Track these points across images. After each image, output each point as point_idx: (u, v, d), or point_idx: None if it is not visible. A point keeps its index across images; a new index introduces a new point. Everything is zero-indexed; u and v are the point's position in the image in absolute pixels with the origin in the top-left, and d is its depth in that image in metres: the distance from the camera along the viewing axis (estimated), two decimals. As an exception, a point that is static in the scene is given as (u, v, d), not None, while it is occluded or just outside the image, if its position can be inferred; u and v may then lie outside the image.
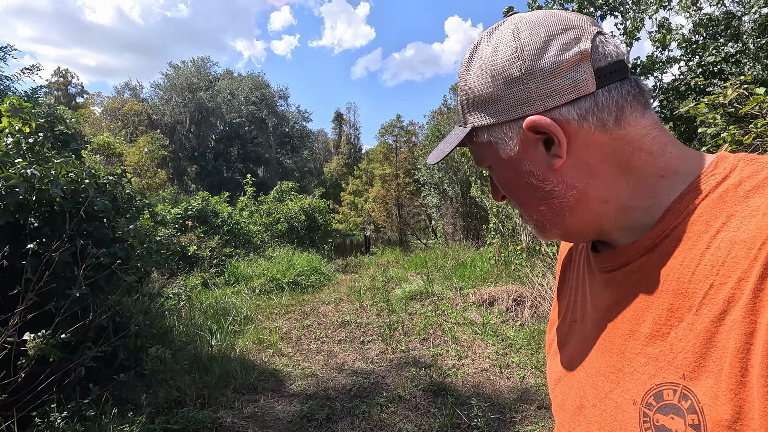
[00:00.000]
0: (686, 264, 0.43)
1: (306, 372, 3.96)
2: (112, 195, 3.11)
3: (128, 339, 3.23)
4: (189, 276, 6.70)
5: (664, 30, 6.31)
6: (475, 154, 0.56)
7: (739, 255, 0.39)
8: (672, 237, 0.45)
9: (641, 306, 0.47)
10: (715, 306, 0.39)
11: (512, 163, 0.52)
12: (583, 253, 0.64)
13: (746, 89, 3.26)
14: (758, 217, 0.39)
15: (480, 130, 0.53)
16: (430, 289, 6.94)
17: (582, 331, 0.57)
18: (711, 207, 0.43)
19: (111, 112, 30.76)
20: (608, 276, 0.53)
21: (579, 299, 0.61)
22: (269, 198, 12.48)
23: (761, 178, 0.42)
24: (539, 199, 0.52)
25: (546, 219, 0.54)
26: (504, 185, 0.56)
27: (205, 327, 4.70)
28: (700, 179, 0.46)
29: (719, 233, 0.41)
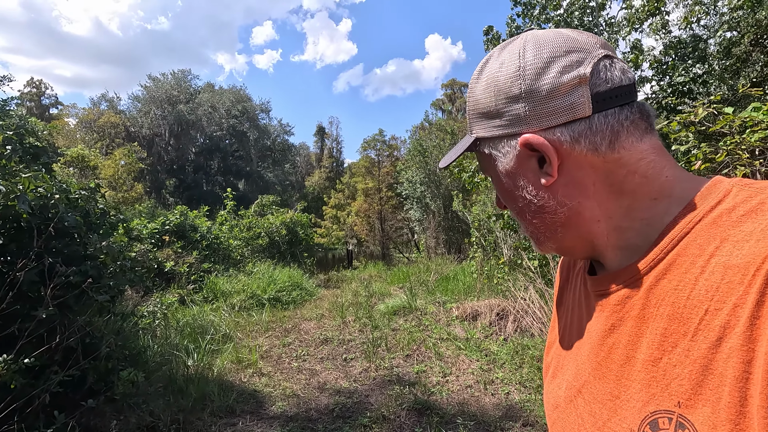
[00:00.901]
0: (681, 288, 0.42)
1: (287, 392, 3.84)
2: (85, 210, 2.98)
3: (98, 361, 3.07)
4: (165, 293, 6.48)
5: (637, 51, 6.57)
6: (480, 162, 0.59)
7: (733, 280, 0.38)
8: (666, 261, 0.45)
9: (636, 331, 0.46)
10: (711, 332, 0.39)
11: (509, 176, 0.54)
12: (580, 275, 0.63)
13: (715, 108, 3.39)
14: (752, 242, 0.39)
15: (482, 141, 0.55)
16: (413, 303, 6.89)
17: (579, 355, 0.56)
18: (705, 231, 0.43)
19: (86, 123, 29.97)
20: (603, 300, 0.52)
21: (576, 322, 0.60)
22: (250, 212, 12.28)
23: (755, 203, 0.41)
24: (533, 213, 0.53)
25: (540, 232, 0.55)
26: (502, 195, 0.57)
27: (182, 346, 4.53)
28: (694, 203, 0.46)
29: (713, 257, 0.41)
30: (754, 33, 7.00)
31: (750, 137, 3.05)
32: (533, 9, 7.25)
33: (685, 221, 0.45)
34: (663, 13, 6.26)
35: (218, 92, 38.40)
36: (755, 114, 3.11)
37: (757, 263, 0.37)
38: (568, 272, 0.68)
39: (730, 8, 6.69)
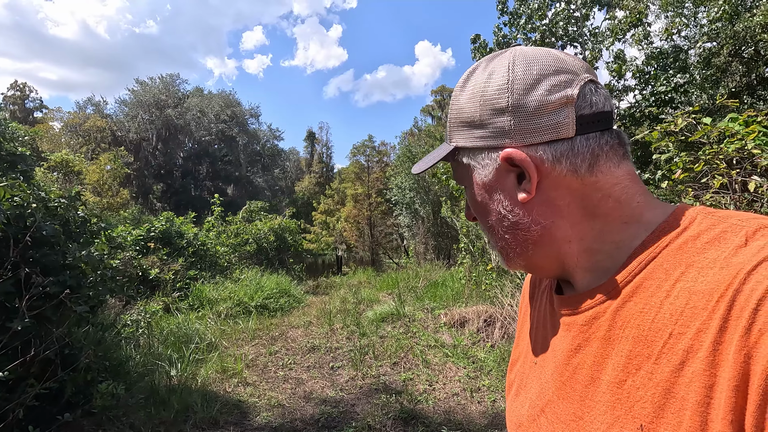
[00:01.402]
0: (646, 311, 0.43)
1: (272, 402, 3.79)
2: (64, 219, 2.93)
3: (77, 373, 3.00)
4: (150, 301, 6.37)
5: (620, 61, 6.71)
6: (455, 171, 0.58)
7: (697, 305, 0.39)
8: (633, 284, 0.46)
9: (602, 352, 0.46)
10: (675, 356, 0.39)
11: (485, 189, 0.53)
12: (545, 293, 0.63)
13: (694, 118, 3.47)
14: (715, 270, 0.40)
15: (462, 150, 0.54)
16: (401, 310, 6.88)
17: (542, 374, 0.56)
18: (671, 256, 0.44)
19: (71, 127, 29.50)
20: (570, 320, 0.52)
21: (540, 340, 0.60)
22: (237, 218, 12.17)
23: (718, 231, 0.43)
24: (505, 228, 0.53)
25: (510, 248, 0.54)
26: (475, 207, 0.56)
27: (165, 356, 4.45)
28: (662, 229, 0.47)
29: (678, 282, 0.42)
30: (733, 44, 7.20)
31: (727, 147, 3.12)
32: (519, 19, 7.36)
33: (653, 246, 0.46)
34: (645, 24, 6.41)
35: (207, 97, 38.16)
36: (732, 125, 3.19)
37: (720, 290, 0.38)
38: (534, 290, 0.69)
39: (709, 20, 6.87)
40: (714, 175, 3.17)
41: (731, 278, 0.38)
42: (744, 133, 3.05)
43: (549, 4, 7.20)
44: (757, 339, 0.34)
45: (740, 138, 3.08)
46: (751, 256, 0.38)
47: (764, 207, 2.98)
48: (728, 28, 7.11)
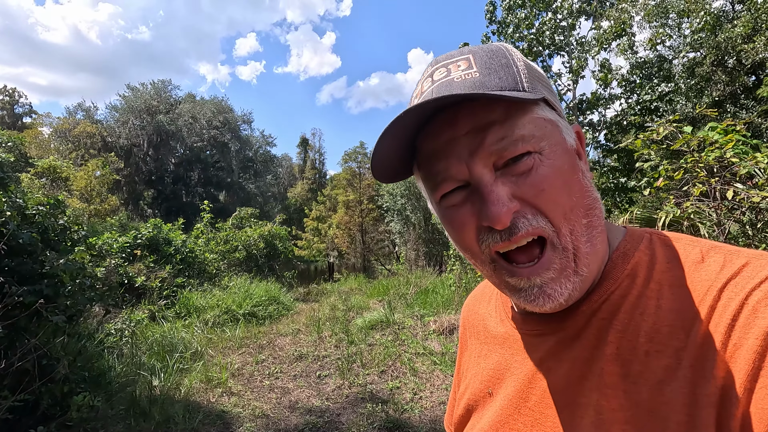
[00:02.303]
0: (623, 331, 0.42)
1: (256, 412, 3.73)
2: (43, 227, 2.88)
3: (54, 384, 2.94)
4: (135, 309, 6.28)
5: (606, 70, 6.81)
6: (527, 126, 0.42)
7: (674, 324, 0.39)
8: (609, 302, 0.44)
9: (578, 373, 0.44)
10: (653, 375, 0.38)
11: (572, 155, 0.45)
12: (493, 317, 0.59)
13: (676, 127, 3.52)
14: (683, 289, 0.40)
15: (547, 107, 0.45)
16: (391, 317, 6.85)
17: (501, 402, 0.52)
18: (641, 274, 0.44)
19: (61, 133, 29.19)
20: (538, 340, 0.49)
21: (492, 367, 0.55)
22: (227, 225, 12.09)
23: (674, 251, 0.45)
24: (587, 207, 0.44)
25: (584, 241, 0.43)
26: (555, 177, 0.42)
27: (148, 366, 4.37)
28: (624, 247, 0.47)
29: (650, 300, 0.42)
30: (715, 54, 7.34)
31: (708, 156, 3.17)
32: (507, 28, 7.46)
33: (623, 264, 0.46)
34: (629, 34, 6.53)
35: (199, 103, 38.02)
36: (711, 134, 3.24)
37: (693, 309, 0.38)
38: (474, 319, 0.64)
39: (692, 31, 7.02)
40: (695, 183, 3.22)
41: (702, 296, 0.39)
42: (723, 142, 3.10)
43: (536, 14, 7.31)
44: (733, 353, 0.35)
45: (719, 147, 3.13)
46: (717, 274, 0.39)
47: (746, 215, 3.02)
48: (711, 39, 7.26)
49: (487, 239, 0.44)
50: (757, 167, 2.90)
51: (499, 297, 0.60)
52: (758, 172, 2.95)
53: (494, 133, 0.41)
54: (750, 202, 2.78)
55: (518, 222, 0.42)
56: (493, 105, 0.42)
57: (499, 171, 0.42)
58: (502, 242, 0.42)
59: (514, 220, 0.42)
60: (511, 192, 0.42)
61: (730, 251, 0.41)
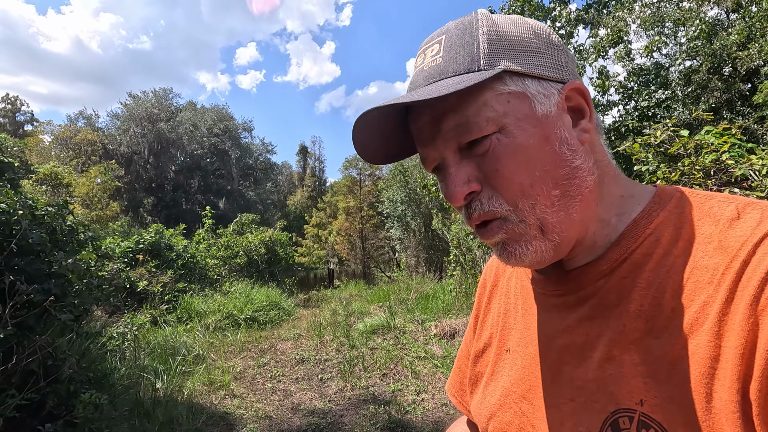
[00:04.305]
0: (647, 288, 0.42)
1: (259, 414, 3.75)
2: (51, 227, 2.92)
3: (60, 384, 2.96)
4: (137, 313, 6.29)
5: (603, 77, 6.91)
6: (482, 109, 0.43)
7: (701, 280, 0.39)
8: (630, 261, 0.45)
9: (596, 331, 0.44)
10: (676, 330, 0.38)
11: (545, 125, 0.44)
12: (514, 278, 0.61)
13: (673, 131, 3.59)
14: (714, 244, 0.40)
15: (513, 76, 0.44)
16: (392, 322, 6.86)
17: (520, 360, 0.53)
18: (666, 232, 0.44)
19: (62, 140, 29.33)
20: (559, 300, 0.50)
21: (514, 326, 0.57)
22: (228, 231, 12.13)
23: (707, 208, 0.44)
24: (558, 179, 0.43)
25: (552, 212, 0.43)
26: (512, 155, 0.43)
27: (151, 368, 4.39)
28: (651, 206, 0.47)
29: (678, 258, 0.42)
30: (711, 62, 7.46)
31: (704, 159, 3.23)
32: (506, 36, 7.56)
33: (646, 222, 0.46)
34: (626, 42, 6.64)
35: (200, 111, 38.25)
36: (707, 137, 3.31)
37: (725, 263, 0.38)
38: (497, 278, 0.66)
39: (688, 39, 7.13)
40: (691, 185, 3.28)
41: (735, 251, 0.38)
42: (718, 144, 3.16)
43: (535, 22, 7.42)
44: (765, 306, 0.34)
45: (715, 149, 3.19)
46: (753, 229, 0.38)
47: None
48: (706, 47, 7.38)
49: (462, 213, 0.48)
50: (752, 169, 2.96)
51: None
52: (753, 174, 3.01)
53: (449, 121, 0.44)
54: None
55: (473, 204, 0.45)
56: (444, 97, 0.43)
57: (465, 151, 0.45)
58: (468, 220, 0.47)
59: (469, 202, 0.45)
60: (473, 173, 0.44)
61: (766, 206, 0.40)
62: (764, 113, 6.58)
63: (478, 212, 0.44)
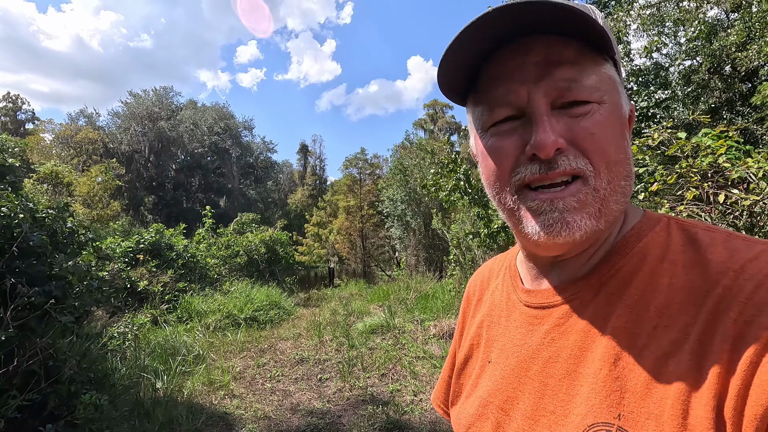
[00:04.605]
0: (633, 306, 0.43)
1: (258, 414, 3.78)
2: (52, 229, 2.95)
3: (61, 385, 2.99)
4: (137, 313, 6.33)
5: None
6: (598, 75, 0.45)
7: (684, 302, 0.40)
8: (618, 277, 0.46)
9: (581, 344, 0.46)
10: (659, 348, 0.40)
11: (623, 121, 0.47)
12: (499, 290, 0.62)
13: (670, 133, 3.60)
14: (697, 269, 0.42)
15: (614, 68, 0.48)
16: (391, 322, 6.89)
17: (501, 371, 0.54)
18: (653, 252, 0.46)
19: (63, 139, 29.36)
20: (544, 312, 0.51)
21: (494, 339, 0.58)
22: (228, 230, 12.16)
23: (692, 234, 0.46)
24: (627, 173, 0.46)
25: (614, 198, 0.45)
26: (608, 127, 0.44)
27: (151, 368, 4.42)
28: (640, 226, 0.49)
29: (663, 278, 0.43)
30: (711, 62, 7.45)
31: (701, 161, 3.24)
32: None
33: (635, 240, 0.47)
34: (625, 42, 6.63)
35: (200, 109, 38.25)
36: (704, 139, 3.32)
37: (706, 287, 0.40)
38: (482, 291, 0.67)
39: (688, 39, 7.13)
40: (689, 188, 3.29)
41: (718, 275, 0.40)
42: (715, 147, 3.17)
43: (534, 23, 7.41)
44: (743, 329, 0.36)
45: (712, 152, 3.20)
46: (734, 257, 0.40)
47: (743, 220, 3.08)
48: (706, 47, 7.38)
49: (523, 171, 0.45)
50: (749, 171, 2.97)
51: (507, 271, 0.62)
52: (751, 176, 3.02)
53: (565, 71, 0.43)
54: (741, 206, 2.85)
55: (558, 159, 0.43)
56: (568, 45, 0.43)
57: (556, 110, 0.44)
58: (540, 174, 0.44)
59: (555, 156, 0.43)
60: (562, 131, 0.43)
61: (747, 239, 0.42)
62: (763, 114, 6.58)
63: (564, 167, 0.43)
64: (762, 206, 2.90)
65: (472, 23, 0.43)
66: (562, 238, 0.44)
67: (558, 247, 0.47)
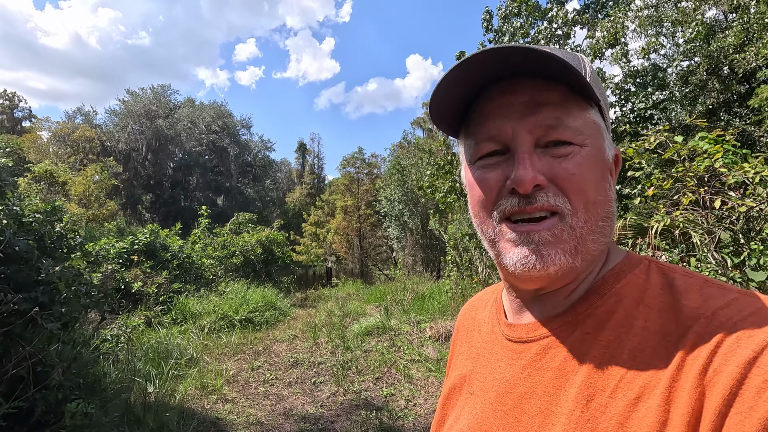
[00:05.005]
0: (607, 347, 0.44)
1: (250, 419, 3.74)
2: (38, 234, 2.90)
3: (49, 391, 2.94)
4: (131, 315, 6.28)
5: (600, 78, 6.87)
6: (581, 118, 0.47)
7: (657, 346, 0.41)
8: (594, 316, 0.47)
9: (555, 382, 0.46)
10: (630, 391, 0.40)
11: (605, 165, 0.49)
12: (486, 322, 0.62)
13: (666, 137, 3.56)
14: (672, 313, 0.42)
15: (599, 114, 0.50)
16: (387, 324, 6.86)
17: (481, 404, 0.54)
18: (630, 295, 0.46)
19: (60, 137, 29.22)
20: (523, 347, 0.52)
21: (480, 370, 0.58)
22: (225, 230, 12.10)
23: (670, 279, 0.46)
24: (606, 213, 0.48)
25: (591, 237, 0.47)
26: (588, 169, 0.46)
27: (143, 372, 4.38)
28: (620, 268, 0.49)
29: (638, 320, 0.44)
30: (708, 63, 7.42)
31: (698, 165, 3.21)
32: (503, 36, 7.53)
33: (613, 282, 0.48)
34: (622, 44, 6.61)
35: (198, 107, 38.10)
36: (701, 143, 3.29)
37: (680, 332, 0.40)
38: (470, 322, 0.68)
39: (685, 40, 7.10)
40: (685, 192, 3.26)
41: (690, 321, 0.40)
42: (712, 152, 3.14)
43: (532, 23, 7.38)
44: (712, 378, 0.36)
45: (709, 156, 3.17)
46: (706, 304, 0.41)
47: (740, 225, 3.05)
48: (704, 48, 7.35)
49: (504, 203, 0.47)
50: (746, 177, 2.94)
51: (494, 304, 0.63)
52: (748, 181, 2.99)
53: (550, 111, 0.45)
54: (738, 211, 2.82)
55: (537, 194, 0.45)
56: (553, 89, 0.46)
57: (540, 149, 0.46)
58: (518, 207, 0.46)
59: (534, 192, 0.45)
60: (543, 169, 0.45)
61: (722, 286, 0.43)
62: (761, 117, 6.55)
63: (542, 202, 0.45)
64: (758, 211, 2.88)
65: (462, 63, 0.45)
66: (537, 272, 0.45)
67: (534, 281, 0.48)
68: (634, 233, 3.78)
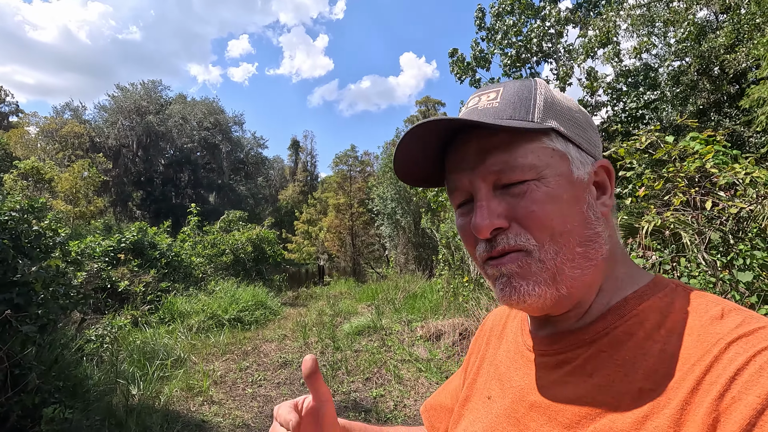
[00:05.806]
0: (620, 365, 0.44)
1: (237, 422, 3.68)
2: (15, 233, 2.80)
3: (26, 395, 2.85)
4: (117, 315, 6.16)
5: (592, 78, 6.86)
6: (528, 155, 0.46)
7: (673, 367, 0.40)
8: (611, 336, 0.46)
9: (565, 396, 0.46)
10: (640, 410, 0.40)
11: (577, 187, 0.48)
12: (513, 331, 0.63)
13: (657, 137, 3.55)
14: (693, 337, 0.41)
15: (559, 138, 0.48)
16: (378, 323, 6.82)
17: (496, 410, 0.55)
18: (652, 318, 0.46)
19: (48, 133, 28.70)
20: (540, 360, 0.52)
21: (498, 377, 0.59)
22: (215, 228, 11.95)
23: (696, 303, 0.45)
24: (583, 239, 0.47)
25: (570, 266, 0.46)
26: (548, 202, 0.45)
27: (127, 373, 4.28)
28: (644, 290, 0.49)
29: (656, 343, 0.43)
30: (699, 63, 7.45)
31: (689, 166, 3.19)
32: (496, 34, 7.49)
33: (635, 303, 0.48)
34: (614, 43, 6.59)
35: (190, 104, 37.68)
36: (692, 144, 3.28)
37: (698, 355, 0.40)
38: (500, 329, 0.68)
39: (677, 40, 7.11)
40: (675, 193, 3.24)
41: (710, 346, 0.39)
42: (703, 152, 3.13)
43: (525, 21, 7.36)
44: (729, 405, 0.35)
45: (700, 157, 3.16)
46: (731, 330, 0.40)
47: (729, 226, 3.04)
48: (695, 48, 7.37)
49: (479, 248, 0.49)
50: (736, 177, 2.93)
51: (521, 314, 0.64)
52: (738, 182, 2.97)
53: (496, 157, 0.46)
54: (728, 213, 2.80)
55: (498, 238, 0.46)
56: (499, 132, 0.46)
57: (499, 191, 0.47)
58: (485, 252, 0.48)
59: (495, 236, 0.47)
60: (504, 210, 0.46)
61: (750, 314, 0.42)
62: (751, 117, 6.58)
63: (503, 245, 0.46)
64: (748, 212, 2.86)
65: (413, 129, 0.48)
66: (516, 303, 0.47)
67: (525, 310, 0.51)
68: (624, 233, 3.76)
